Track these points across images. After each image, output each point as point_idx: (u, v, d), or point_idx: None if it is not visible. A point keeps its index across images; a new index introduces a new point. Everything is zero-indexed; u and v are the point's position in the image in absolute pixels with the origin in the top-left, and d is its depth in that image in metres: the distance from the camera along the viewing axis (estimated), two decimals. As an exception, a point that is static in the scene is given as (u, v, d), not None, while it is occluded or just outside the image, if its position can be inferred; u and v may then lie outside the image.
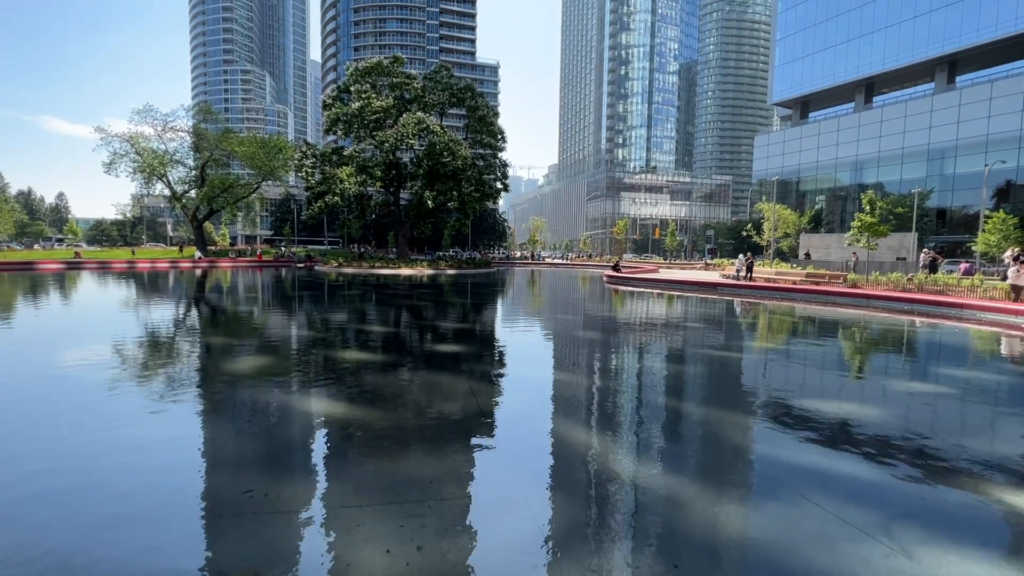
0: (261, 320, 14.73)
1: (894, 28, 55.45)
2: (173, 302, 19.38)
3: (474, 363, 9.21)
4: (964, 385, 8.39)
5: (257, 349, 10.26)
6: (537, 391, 7.55)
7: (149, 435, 5.19)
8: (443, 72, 49.79)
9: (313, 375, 8.09)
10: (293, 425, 5.70)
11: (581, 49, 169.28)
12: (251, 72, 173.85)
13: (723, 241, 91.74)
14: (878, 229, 27.99)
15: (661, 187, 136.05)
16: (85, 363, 8.49)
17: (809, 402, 6.93)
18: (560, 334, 13.44)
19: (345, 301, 20.51)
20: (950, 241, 49.99)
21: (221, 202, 52.51)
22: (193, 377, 7.78)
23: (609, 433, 5.59)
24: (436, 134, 42.81)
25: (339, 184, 41.77)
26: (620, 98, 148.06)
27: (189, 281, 29.64)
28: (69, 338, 11.32)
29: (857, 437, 5.41)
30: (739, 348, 11.66)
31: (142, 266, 43.41)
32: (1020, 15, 45.35)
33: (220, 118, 62.15)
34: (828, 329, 14.97)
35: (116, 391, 6.72)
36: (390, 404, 6.45)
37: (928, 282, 20.81)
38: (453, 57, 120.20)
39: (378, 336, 12.24)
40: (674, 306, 20.34)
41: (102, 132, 47.45)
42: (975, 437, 5.67)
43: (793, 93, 68.17)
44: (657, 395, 7.41)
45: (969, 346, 12.70)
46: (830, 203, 64.97)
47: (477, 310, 18.57)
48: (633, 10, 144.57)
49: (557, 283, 34.47)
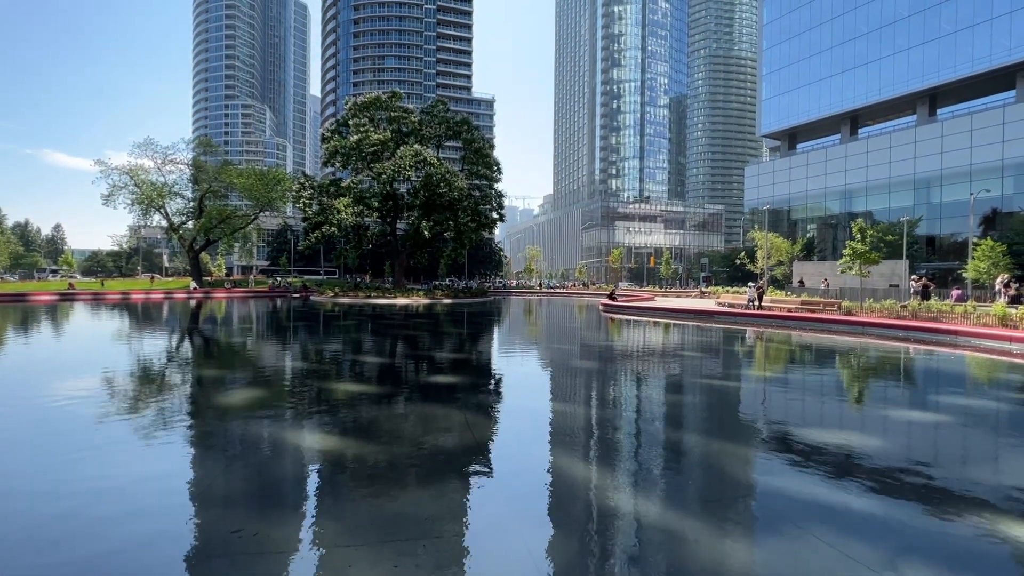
0: (253, 351, 14.58)
1: (875, 64, 57.54)
2: (164, 334, 19.20)
3: (470, 394, 9.11)
4: (967, 414, 8.34)
5: (248, 381, 10.13)
6: (534, 423, 7.45)
7: (134, 470, 5.06)
8: (440, 106, 50.99)
9: (305, 408, 7.97)
10: (284, 460, 5.58)
11: (574, 84, 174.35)
12: (251, 106, 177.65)
13: (717, 269, 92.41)
14: (869, 257, 28.30)
15: (655, 216, 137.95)
16: (71, 397, 8.33)
17: (810, 432, 6.86)
18: (557, 364, 13.35)
19: (339, 331, 20.39)
20: (941, 268, 50.55)
21: (218, 233, 52.74)
22: (182, 411, 7.64)
23: (608, 466, 5.50)
24: (433, 166, 43.51)
25: (336, 215, 42.13)
26: (613, 130, 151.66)
27: (182, 312, 29.45)
28: (56, 371, 11.14)
29: (861, 468, 5.34)
30: (738, 377, 11.60)
31: (136, 297, 43.17)
32: (994, 51, 47.26)
33: (220, 151, 63.19)
34: (827, 357, 14.95)
35: (103, 425, 6.59)
36: (384, 437, 6.33)
37: (922, 309, 20.94)
38: (450, 92, 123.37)
39: (372, 367, 12.12)
40: (671, 335, 20.32)
41: (102, 165, 48.05)
42: (980, 467, 5.61)
43: (781, 125, 70.04)
44: (657, 426, 7.32)
45: (969, 374, 12.69)
46: (821, 231, 65.90)
47: (473, 340, 18.48)
48: (624, 47, 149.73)
49: (553, 312, 34.45)
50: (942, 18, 51.25)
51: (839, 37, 61.68)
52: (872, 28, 57.87)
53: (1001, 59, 46.75)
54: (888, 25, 56.14)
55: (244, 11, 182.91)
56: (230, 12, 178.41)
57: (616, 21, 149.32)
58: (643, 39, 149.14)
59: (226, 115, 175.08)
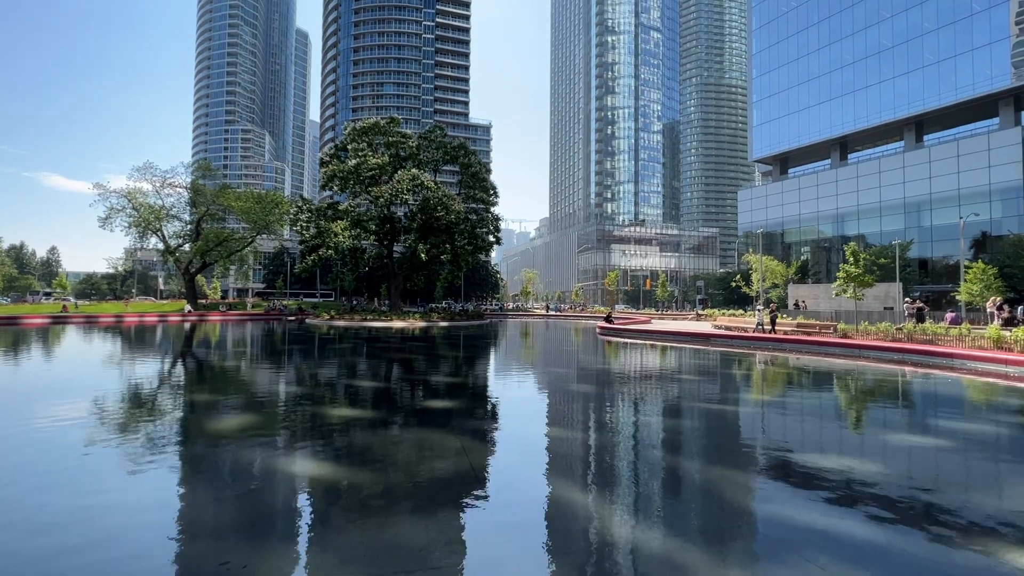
0: (246, 376, 14.40)
1: (862, 92, 59.14)
2: (156, 357, 18.98)
3: (466, 419, 8.99)
4: (972, 439, 8.28)
5: (239, 407, 9.97)
6: (532, 449, 7.33)
7: (120, 499, 4.92)
8: (437, 131, 51.79)
9: (298, 434, 7.83)
10: (275, 488, 5.45)
11: (569, 110, 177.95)
12: (251, 131, 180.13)
13: (713, 292, 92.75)
14: (863, 279, 28.52)
15: (650, 239, 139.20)
16: (59, 422, 8.17)
17: (813, 458, 6.78)
18: (555, 388, 13.24)
19: (334, 355, 20.21)
20: (934, 291, 50.95)
21: (215, 255, 52.75)
22: (171, 437, 7.49)
23: (607, 494, 5.39)
24: (430, 189, 43.94)
25: (333, 238, 42.27)
26: (607, 155, 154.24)
27: (176, 335, 29.19)
28: (40, 395, 10.95)
29: (864, 494, 5.26)
30: (737, 401, 11.52)
31: (129, 320, 42.83)
32: (976, 80, 48.72)
33: (219, 174, 63.68)
34: (826, 380, 14.90)
35: (90, 452, 6.44)
36: (379, 464, 6.21)
37: (917, 331, 21.00)
38: (447, 118, 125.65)
39: (367, 391, 11.98)
40: (668, 358, 20.25)
41: (101, 188, 48.28)
42: (986, 494, 5.53)
43: (772, 151, 71.43)
44: (657, 453, 7.22)
45: (969, 397, 12.65)
46: (815, 254, 66.55)
47: (469, 363, 18.35)
48: (617, 75, 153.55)
49: (550, 335, 34.35)
50: (924, 49, 52.96)
51: (826, 66, 63.51)
52: (858, 58, 59.67)
53: (983, 88, 48.17)
54: (873, 55, 57.92)
55: (246, 40, 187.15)
56: (232, 40, 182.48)
57: (610, 50, 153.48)
58: (636, 67, 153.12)
59: (226, 139, 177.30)
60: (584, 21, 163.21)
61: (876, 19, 57.60)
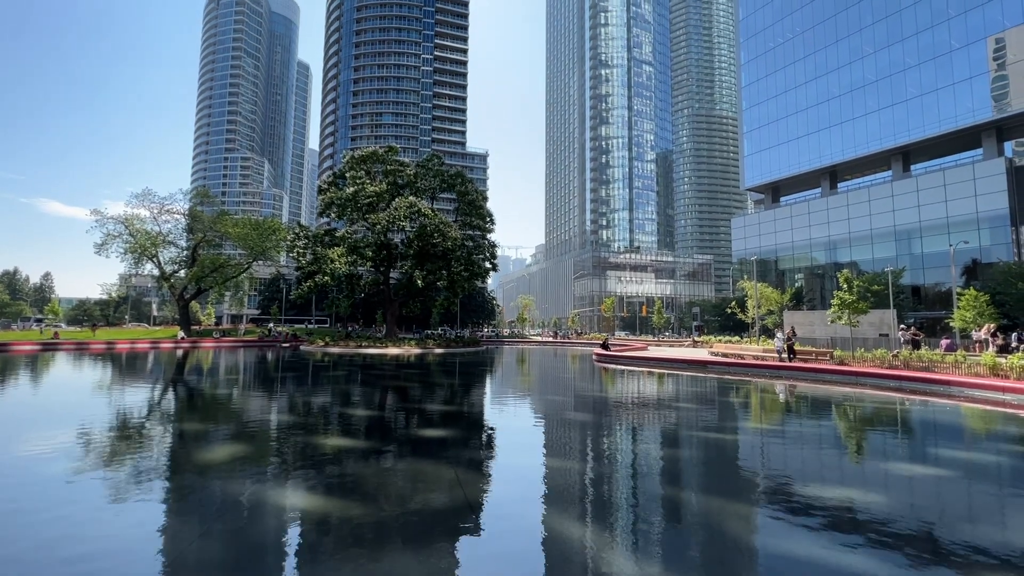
0: (236, 405, 14.16)
1: (849, 123, 60.74)
2: (146, 386, 18.67)
3: (461, 449, 8.83)
4: (975, 469, 8.18)
5: (229, 437, 9.77)
6: (528, 481, 7.18)
7: (105, 531, 4.75)
8: (435, 160, 52.57)
9: (288, 465, 7.65)
10: (264, 522, 5.29)
11: (565, 139, 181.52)
12: (251, 159, 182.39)
13: (709, 318, 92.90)
14: (857, 306, 28.69)
15: (645, 266, 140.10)
16: (42, 453, 7.95)
17: (814, 488, 6.66)
18: (551, 418, 13.07)
19: (328, 383, 19.95)
20: (929, 317, 51.19)
21: (210, 281, 52.57)
22: (158, 469, 7.30)
23: (605, 527, 5.26)
24: (427, 216, 44.30)
25: (330, 264, 42.30)
26: (602, 183, 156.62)
27: (167, 363, 28.80)
28: (25, 425, 10.69)
29: (870, 527, 5.15)
30: (736, 430, 11.39)
31: (120, 347, 42.30)
32: (958, 112, 50.20)
33: (217, 201, 64.11)
34: (825, 408, 14.79)
35: (73, 484, 6.25)
36: (371, 497, 6.05)
37: (913, 358, 21.00)
38: (445, 147, 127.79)
39: (360, 420, 11.78)
40: (666, 385, 20.09)
41: (98, 214, 48.42)
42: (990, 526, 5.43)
43: (763, 180, 72.76)
44: (656, 484, 7.08)
45: (970, 426, 12.57)
46: (809, 281, 67.00)
47: (465, 391, 18.14)
48: (611, 106, 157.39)
49: (546, 362, 34.12)
50: (907, 83, 54.71)
51: (813, 99, 65.37)
52: (844, 91, 61.52)
53: (966, 120, 49.60)
54: (858, 88, 59.74)
55: (249, 71, 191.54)
56: (235, 71, 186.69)
57: (603, 83, 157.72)
58: (629, 99, 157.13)
59: (225, 166, 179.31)
60: (579, 55, 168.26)
61: (860, 55, 59.67)
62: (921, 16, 53.61)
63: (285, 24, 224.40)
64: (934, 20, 52.47)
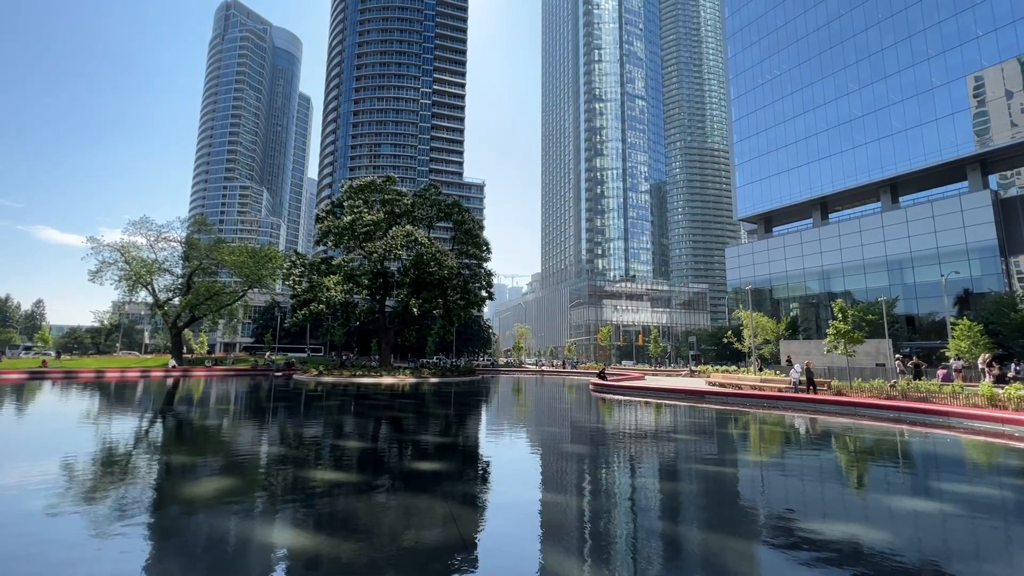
0: (226, 436, 13.84)
1: (837, 156, 62.23)
2: (134, 416, 18.26)
3: (455, 483, 8.61)
4: (979, 503, 8.03)
5: (216, 470, 9.50)
6: (524, 516, 6.98)
7: (87, 570, 4.55)
8: (432, 190, 53.20)
9: (276, 500, 7.42)
10: (250, 561, 5.08)
11: (560, 170, 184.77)
12: (250, 187, 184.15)
13: (706, 347, 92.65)
14: (853, 336, 28.71)
15: (641, 295, 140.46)
16: (22, 486, 7.69)
17: (816, 524, 6.50)
18: (548, 450, 12.83)
19: (320, 413, 19.59)
20: (924, 347, 51.25)
21: (204, 309, 52.16)
22: (143, 503, 7.05)
23: (603, 564, 5.08)
24: (424, 245, 44.50)
25: (326, 292, 42.16)
26: (597, 213, 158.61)
27: (157, 392, 28.28)
28: (9, 457, 10.38)
29: (873, 563, 5.00)
30: (735, 463, 11.20)
31: (111, 376, 41.58)
32: (943, 147, 51.59)
33: (214, 229, 64.29)
34: (825, 440, 14.59)
35: (55, 517, 6.02)
36: (362, 533, 5.86)
37: (910, 388, 20.90)
38: (442, 177, 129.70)
39: (352, 453, 11.51)
40: (663, 416, 19.85)
41: (94, 242, 48.33)
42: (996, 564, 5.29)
43: (755, 210, 73.93)
44: (655, 520, 6.90)
45: (971, 458, 12.41)
46: (804, 310, 67.25)
47: (459, 423, 17.84)
48: (605, 139, 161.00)
49: (542, 392, 33.74)
50: (892, 118, 56.38)
51: (802, 132, 67.14)
52: (831, 125, 63.28)
53: (950, 153, 50.93)
54: (845, 123, 61.48)
55: (250, 102, 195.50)
56: (237, 103, 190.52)
57: (598, 116, 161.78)
58: (623, 132, 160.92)
59: (224, 195, 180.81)
60: (573, 89, 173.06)
61: (845, 91, 61.66)
62: (902, 56, 55.70)
63: (288, 58, 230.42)
64: (915, 59, 54.50)
